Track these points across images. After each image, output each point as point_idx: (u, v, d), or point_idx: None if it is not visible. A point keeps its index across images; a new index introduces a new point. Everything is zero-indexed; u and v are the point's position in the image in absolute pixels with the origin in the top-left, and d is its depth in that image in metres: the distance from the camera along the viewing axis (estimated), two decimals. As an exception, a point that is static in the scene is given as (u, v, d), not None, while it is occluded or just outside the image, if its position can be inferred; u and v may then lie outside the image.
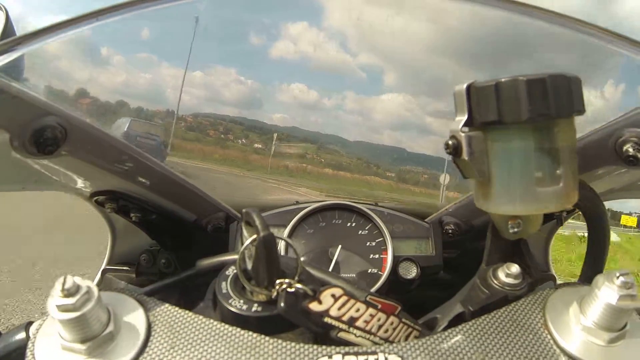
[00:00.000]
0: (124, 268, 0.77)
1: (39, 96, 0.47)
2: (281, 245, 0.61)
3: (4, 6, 0.50)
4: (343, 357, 0.31)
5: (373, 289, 0.67)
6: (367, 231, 0.74)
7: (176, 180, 0.66)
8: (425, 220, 0.77)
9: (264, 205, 0.78)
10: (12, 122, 0.46)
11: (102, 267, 0.78)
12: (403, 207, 0.80)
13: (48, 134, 0.47)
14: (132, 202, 0.64)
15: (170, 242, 0.73)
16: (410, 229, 0.75)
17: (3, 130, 0.46)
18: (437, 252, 0.73)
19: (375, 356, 0.31)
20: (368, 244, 0.72)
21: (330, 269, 0.68)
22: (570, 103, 0.30)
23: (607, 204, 0.58)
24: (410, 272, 0.70)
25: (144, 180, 0.62)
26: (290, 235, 0.71)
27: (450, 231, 0.74)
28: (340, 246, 0.70)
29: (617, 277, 0.31)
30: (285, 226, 0.72)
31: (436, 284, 0.74)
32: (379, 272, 0.69)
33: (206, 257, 0.52)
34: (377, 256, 0.71)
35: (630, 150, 0.48)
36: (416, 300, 0.51)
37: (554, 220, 0.63)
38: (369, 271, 0.69)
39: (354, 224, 0.74)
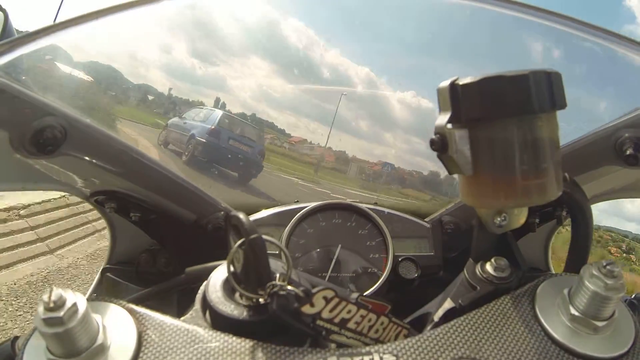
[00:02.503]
0: (124, 268, 0.77)
1: (39, 96, 0.48)
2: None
3: (3, 7, 0.50)
4: (338, 359, 0.31)
5: (373, 289, 0.67)
6: (367, 231, 0.74)
7: (176, 180, 0.66)
8: (425, 220, 0.77)
9: (264, 205, 0.78)
10: (13, 122, 0.46)
11: (102, 266, 0.78)
12: (403, 206, 0.80)
13: (48, 134, 0.47)
14: (132, 202, 0.64)
15: (170, 241, 0.73)
16: (410, 228, 0.75)
17: (3, 130, 0.46)
18: (437, 251, 0.73)
19: (370, 356, 0.31)
20: (368, 243, 0.72)
21: (330, 269, 0.68)
22: (552, 98, 0.30)
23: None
24: (410, 271, 0.70)
25: (143, 180, 0.62)
26: (290, 235, 0.71)
27: (449, 231, 0.74)
28: (340, 246, 0.70)
29: (604, 267, 0.31)
30: (285, 226, 0.72)
31: (436, 283, 0.74)
32: (379, 272, 0.69)
33: (203, 259, 0.52)
34: (377, 256, 0.71)
35: (630, 150, 0.48)
36: (416, 300, 0.51)
37: (553, 220, 0.63)
38: (369, 271, 0.69)
39: (354, 224, 0.74)
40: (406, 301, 0.51)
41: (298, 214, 0.74)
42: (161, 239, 0.73)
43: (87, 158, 0.54)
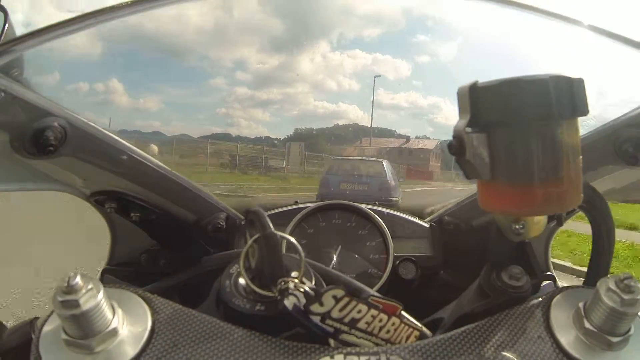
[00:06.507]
0: (125, 269, 0.77)
1: (40, 96, 0.48)
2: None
3: (4, 6, 0.50)
4: (345, 357, 0.31)
5: (373, 289, 0.67)
6: (367, 231, 0.73)
7: (176, 180, 0.66)
8: (425, 220, 0.77)
9: (263, 206, 0.78)
10: (13, 123, 0.46)
11: (103, 267, 0.78)
12: (403, 207, 0.80)
13: (48, 135, 0.47)
14: (132, 202, 0.64)
15: (171, 242, 0.73)
16: (410, 229, 0.75)
17: (3, 130, 0.46)
18: (436, 252, 0.73)
19: (377, 357, 0.31)
20: (368, 243, 0.72)
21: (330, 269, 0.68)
22: (573, 104, 0.29)
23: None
24: (410, 272, 0.70)
25: (143, 181, 0.62)
26: (290, 235, 0.71)
27: (449, 231, 0.74)
28: (340, 246, 0.70)
29: (622, 281, 0.30)
30: (285, 226, 0.72)
31: (436, 284, 0.74)
32: (379, 272, 0.69)
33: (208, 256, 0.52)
34: (377, 256, 0.71)
35: (630, 149, 0.48)
36: (416, 301, 0.51)
37: (553, 221, 0.63)
38: (369, 271, 0.69)
39: (354, 224, 0.74)
40: (406, 302, 0.51)
41: (298, 215, 0.74)
42: (161, 239, 0.73)
43: (87, 158, 0.54)
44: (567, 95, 0.29)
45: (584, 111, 0.30)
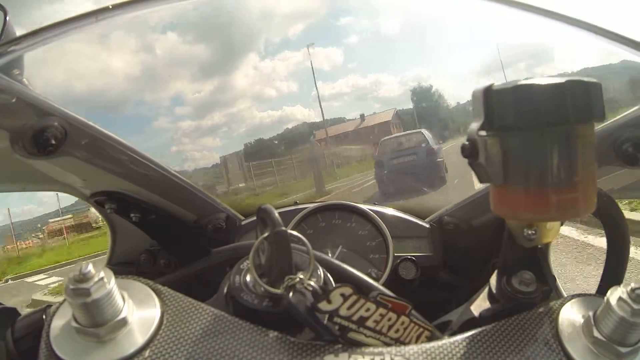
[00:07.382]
0: (125, 269, 0.77)
1: (40, 96, 0.48)
2: None
3: (4, 6, 0.50)
4: (349, 356, 0.31)
5: None
6: (367, 231, 0.73)
7: (176, 180, 0.66)
8: (425, 220, 0.77)
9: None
10: (13, 123, 0.46)
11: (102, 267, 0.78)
12: (403, 207, 0.80)
13: (48, 134, 0.47)
14: (132, 203, 0.64)
15: (171, 242, 0.73)
16: (410, 229, 0.75)
17: (3, 130, 0.46)
18: (436, 252, 0.73)
19: (382, 357, 0.31)
20: (368, 244, 0.72)
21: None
22: (589, 109, 0.29)
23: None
24: (410, 272, 0.70)
25: (143, 181, 0.62)
26: None
27: (449, 231, 0.73)
28: (340, 246, 0.70)
29: (633, 291, 0.30)
30: (285, 227, 0.72)
31: (436, 284, 0.74)
32: (379, 272, 0.69)
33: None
34: (377, 256, 0.71)
35: (630, 149, 0.48)
36: (416, 301, 0.51)
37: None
38: (369, 271, 0.69)
39: (353, 224, 0.74)
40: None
41: (298, 215, 0.74)
42: (161, 239, 0.73)
43: (87, 158, 0.54)
44: (584, 99, 0.29)
45: (601, 116, 0.30)
